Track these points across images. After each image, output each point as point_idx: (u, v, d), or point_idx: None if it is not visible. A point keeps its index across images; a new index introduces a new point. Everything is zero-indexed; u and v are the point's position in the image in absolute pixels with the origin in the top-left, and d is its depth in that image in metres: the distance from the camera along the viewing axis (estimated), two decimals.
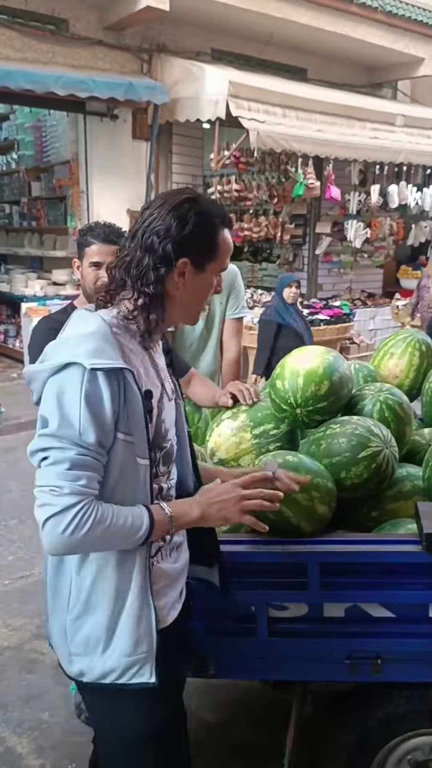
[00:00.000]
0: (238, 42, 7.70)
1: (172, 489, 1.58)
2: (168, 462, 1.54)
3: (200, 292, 1.49)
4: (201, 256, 1.44)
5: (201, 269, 1.45)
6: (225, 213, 1.50)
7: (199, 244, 1.43)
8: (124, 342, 1.40)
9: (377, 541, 1.85)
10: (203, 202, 1.45)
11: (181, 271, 1.42)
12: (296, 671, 1.91)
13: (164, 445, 1.51)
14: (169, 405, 1.53)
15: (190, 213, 1.40)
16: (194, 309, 1.53)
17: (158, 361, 1.54)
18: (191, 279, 1.44)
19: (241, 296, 3.20)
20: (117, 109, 6.92)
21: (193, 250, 1.42)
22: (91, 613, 1.43)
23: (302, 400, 2.06)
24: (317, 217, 8.90)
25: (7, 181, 9.36)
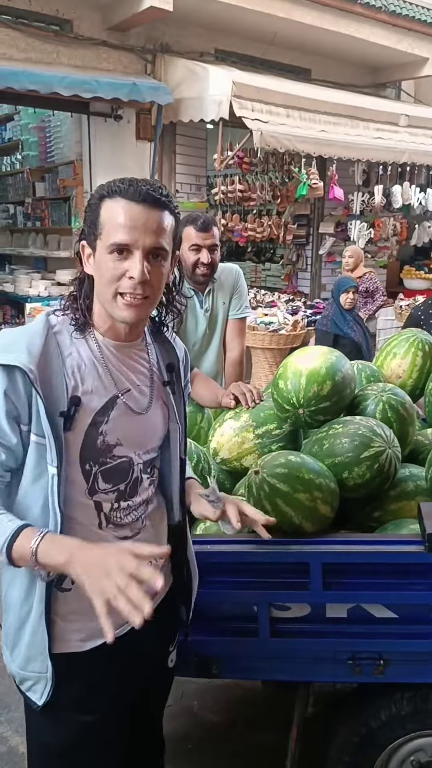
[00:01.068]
0: (242, 42, 7.69)
1: (124, 513, 1.46)
2: (115, 480, 1.43)
3: (100, 275, 1.36)
4: (90, 236, 1.37)
5: (93, 249, 1.37)
6: (117, 182, 1.35)
7: (87, 223, 1.38)
8: (66, 345, 1.37)
9: (380, 541, 1.85)
10: (110, 180, 1.37)
11: (86, 256, 1.39)
12: (298, 671, 1.91)
13: (105, 461, 1.40)
14: (128, 419, 1.43)
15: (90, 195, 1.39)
16: (104, 296, 1.37)
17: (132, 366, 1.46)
18: (93, 263, 1.38)
19: (244, 296, 3.20)
20: (121, 110, 6.91)
21: (85, 229, 1.38)
22: (8, 612, 1.46)
23: (305, 401, 2.06)
24: (320, 218, 8.89)
25: (11, 182, 9.36)
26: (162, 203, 1.34)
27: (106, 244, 1.32)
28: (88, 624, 1.40)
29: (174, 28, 7.11)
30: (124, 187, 1.32)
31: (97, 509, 1.42)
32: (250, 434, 2.19)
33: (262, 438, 2.18)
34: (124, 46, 6.87)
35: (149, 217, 1.32)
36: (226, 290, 3.12)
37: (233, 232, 7.35)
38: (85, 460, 1.37)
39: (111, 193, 1.33)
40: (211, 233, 2.85)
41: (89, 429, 1.36)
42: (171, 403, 1.52)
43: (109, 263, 1.33)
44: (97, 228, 1.34)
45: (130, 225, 1.31)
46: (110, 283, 1.34)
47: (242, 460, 2.18)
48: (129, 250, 1.32)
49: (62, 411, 1.31)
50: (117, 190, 1.32)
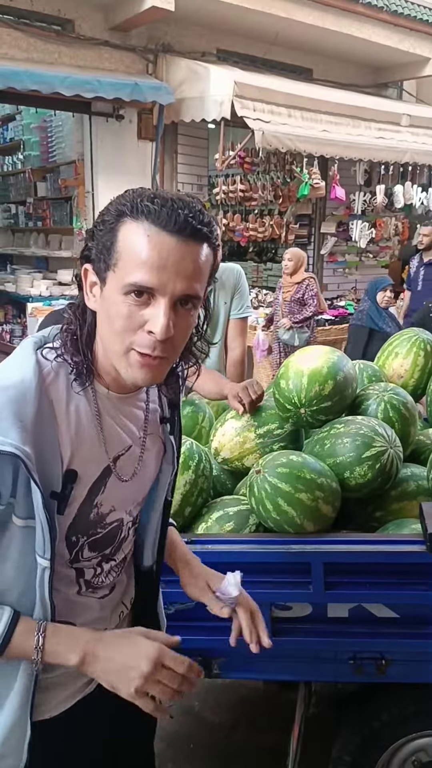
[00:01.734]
0: (244, 42, 7.69)
1: (105, 575, 1.26)
2: (101, 548, 1.22)
3: (111, 319, 1.03)
4: (99, 261, 1.04)
5: (102, 281, 1.04)
6: (143, 198, 1.00)
7: (97, 243, 1.04)
8: (61, 399, 1.08)
9: (381, 541, 1.85)
10: (131, 192, 1.03)
11: (89, 284, 1.07)
12: (300, 671, 1.91)
13: (95, 532, 1.19)
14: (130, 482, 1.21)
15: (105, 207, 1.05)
16: (112, 347, 1.06)
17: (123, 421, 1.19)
18: (99, 296, 1.06)
19: (245, 296, 3.20)
20: (122, 110, 6.92)
21: (95, 252, 1.05)
22: None
23: (306, 400, 2.06)
24: (322, 217, 8.88)
25: (13, 182, 9.37)
26: (203, 235, 1.02)
27: (123, 281, 1.00)
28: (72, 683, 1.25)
29: (176, 28, 7.11)
30: (154, 209, 0.98)
31: (78, 576, 1.22)
32: (252, 434, 2.18)
33: (263, 438, 2.18)
34: (125, 46, 6.87)
35: (185, 254, 1.00)
36: (227, 290, 3.12)
37: (235, 231, 7.35)
38: (73, 533, 1.15)
39: (135, 212, 0.99)
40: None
41: (83, 503, 1.14)
42: (169, 441, 1.30)
43: (122, 307, 1.01)
44: (110, 255, 1.01)
45: (159, 264, 0.99)
46: (122, 334, 1.03)
47: (244, 459, 2.18)
48: (152, 294, 1.00)
49: (54, 491, 1.06)
50: (144, 210, 0.98)
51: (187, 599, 1.45)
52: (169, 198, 1.00)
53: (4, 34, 6.08)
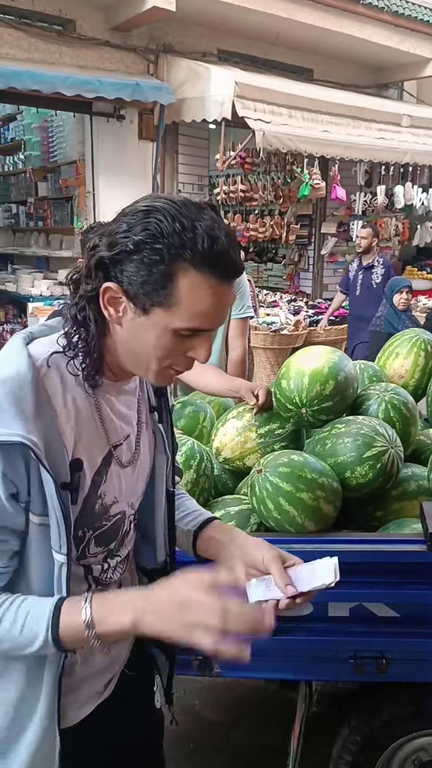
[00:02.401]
0: (245, 42, 7.70)
1: (112, 570, 1.26)
2: (106, 542, 1.22)
3: (144, 343, 1.06)
4: (141, 291, 1.01)
5: (141, 310, 1.03)
6: (206, 245, 0.98)
7: (140, 272, 1.00)
8: (57, 391, 1.08)
9: (382, 540, 1.85)
10: (172, 216, 0.99)
11: (109, 298, 1.04)
12: (300, 670, 1.91)
13: (101, 525, 1.19)
14: (127, 471, 1.21)
15: (143, 222, 0.99)
16: (142, 363, 1.09)
17: (119, 410, 1.19)
18: (130, 317, 1.04)
19: (246, 297, 3.20)
20: (123, 110, 6.93)
21: (129, 276, 1.01)
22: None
23: (307, 400, 2.06)
24: (323, 218, 8.90)
25: (13, 181, 9.38)
26: (242, 271, 1.09)
27: (180, 325, 1.02)
28: (88, 686, 1.24)
29: (177, 28, 7.12)
30: (215, 259, 1.00)
31: (86, 573, 1.21)
32: (253, 434, 2.19)
33: (264, 437, 2.18)
34: (126, 46, 6.88)
35: (232, 295, 1.08)
36: None
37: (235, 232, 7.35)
38: (79, 527, 1.14)
39: (199, 262, 0.99)
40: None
41: (89, 494, 1.14)
42: (159, 430, 1.30)
43: (170, 342, 1.05)
44: (164, 296, 1.00)
45: (218, 312, 1.05)
46: (161, 360, 1.07)
47: (245, 459, 2.18)
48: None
49: (64, 482, 1.06)
50: (207, 261, 0.99)
51: None
52: (223, 242, 1.01)
53: (5, 34, 6.09)
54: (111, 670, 1.31)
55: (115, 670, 1.32)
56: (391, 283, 5.80)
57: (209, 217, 1.01)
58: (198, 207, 1.02)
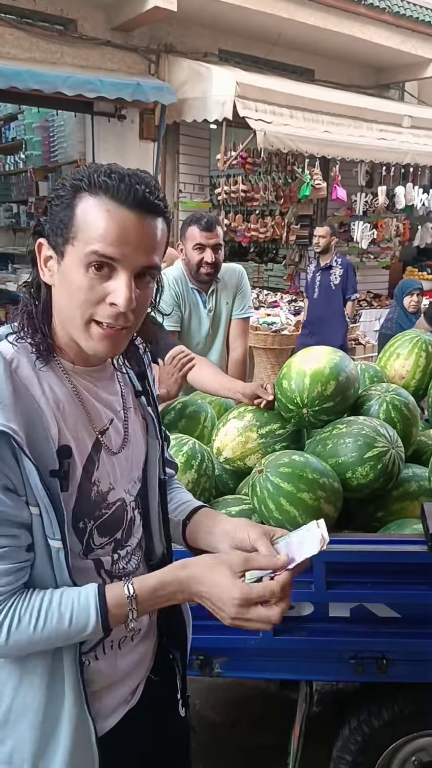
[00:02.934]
0: (246, 43, 7.70)
1: (124, 561, 1.25)
2: (110, 531, 1.20)
3: (71, 293, 1.05)
4: (56, 234, 1.04)
5: (60, 254, 1.05)
6: (102, 173, 1.02)
7: (53, 216, 1.05)
8: (32, 382, 1.07)
9: (383, 541, 1.85)
10: (86, 167, 1.06)
11: (44, 257, 1.08)
12: (301, 671, 1.92)
13: (101, 513, 1.17)
14: (120, 456, 1.20)
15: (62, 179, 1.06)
16: (71, 321, 1.07)
17: (101, 395, 1.19)
18: (56, 270, 1.06)
19: (247, 296, 3.21)
20: (124, 110, 6.93)
21: (50, 226, 1.06)
22: (15, 726, 1.13)
23: (308, 400, 2.06)
24: (323, 218, 8.89)
25: (14, 181, 9.38)
26: (160, 210, 1.06)
27: (83, 253, 1.02)
28: (113, 694, 1.23)
29: (178, 28, 7.12)
30: (113, 184, 1.01)
31: (97, 568, 1.19)
32: (254, 434, 2.19)
33: (265, 438, 2.18)
34: (128, 46, 6.88)
35: (145, 228, 1.03)
36: (229, 290, 3.13)
37: (236, 232, 7.36)
38: (79, 518, 1.13)
39: (93, 186, 1.02)
40: (215, 233, 2.86)
41: (82, 481, 1.13)
42: (149, 414, 1.29)
43: (83, 280, 1.03)
44: (69, 229, 1.02)
45: (120, 237, 1.01)
46: (82, 306, 1.04)
47: (246, 459, 2.18)
48: (113, 267, 1.03)
49: (53, 470, 1.05)
50: (103, 185, 1.01)
51: None
52: (126, 173, 1.03)
53: (6, 33, 6.09)
54: (137, 676, 1.29)
55: (141, 675, 1.31)
56: (402, 285, 5.72)
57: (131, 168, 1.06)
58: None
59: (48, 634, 1.05)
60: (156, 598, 1.10)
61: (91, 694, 1.15)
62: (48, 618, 1.05)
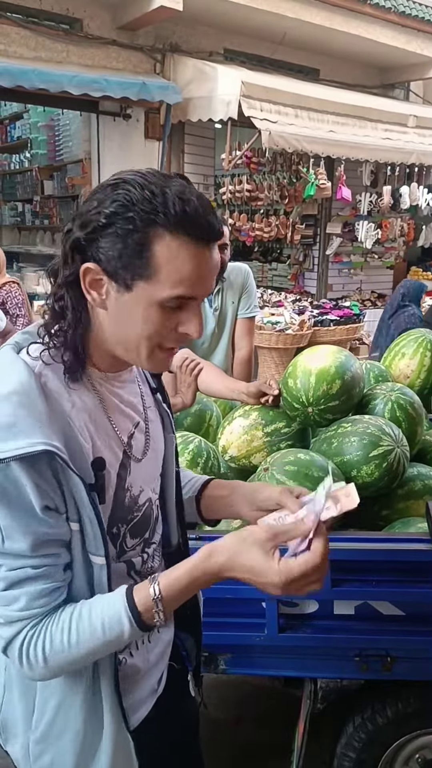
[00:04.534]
0: (251, 42, 7.70)
1: (151, 559, 1.26)
2: (141, 531, 1.21)
3: (131, 322, 1.02)
4: (120, 266, 0.99)
5: (124, 286, 1.00)
6: (177, 206, 0.96)
7: (116, 246, 0.98)
8: (62, 394, 1.04)
9: (388, 539, 1.86)
10: (140, 185, 0.97)
11: (91, 280, 1.01)
12: (305, 668, 1.92)
13: (133, 516, 1.18)
14: (147, 458, 1.20)
15: (112, 195, 0.98)
16: (132, 346, 1.05)
17: (125, 399, 1.17)
18: (113, 297, 1.01)
19: (253, 296, 3.21)
20: (130, 109, 6.94)
21: (106, 253, 0.99)
22: (57, 740, 1.14)
23: (314, 399, 2.07)
24: (328, 218, 8.89)
25: (20, 180, 9.40)
26: (221, 234, 1.05)
27: (164, 295, 0.99)
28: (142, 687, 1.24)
29: (183, 27, 7.13)
30: (190, 221, 0.97)
31: (128, 570, 1.20)
32: (259, 432, 2.20)
33: (271, 436, 2.19)
34: (133, 46, 6.89)
35: (215, 259, 1.03)
36: (235, 290, 3.13)
37: (241, 231, 7.36)
38: (113, 524, 1.13)
39: (172, 224, 0.97)
40: (221, 233, 2.86)
41: (117, 491, 1.13)
42: (165, 410, 1.29)
43: (157, 316, 1.01)
44: (143, 266, 0.98)
45: (202, 277, 1.00)
46: (153, 338, 1.03)
47: (251, 457, 2.19)
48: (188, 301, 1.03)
49: (90, 484, 1.04)
50: (181, 223, 0.97)
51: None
52: (197, 204, 0.98)
53: (12, 32, 6.10)
54: (162, 665, 1.31)
55: (165, 664, 1.33)
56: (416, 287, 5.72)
57: (178, 183, 1.00)
58: (166, 175, 1.01)
59: (85, 647, 1.03)
60: (185, 595, 1.07)
61: (125, 689, 1.16)
62: (81, 632, 1.03)
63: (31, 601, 1.01)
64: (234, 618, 1.88)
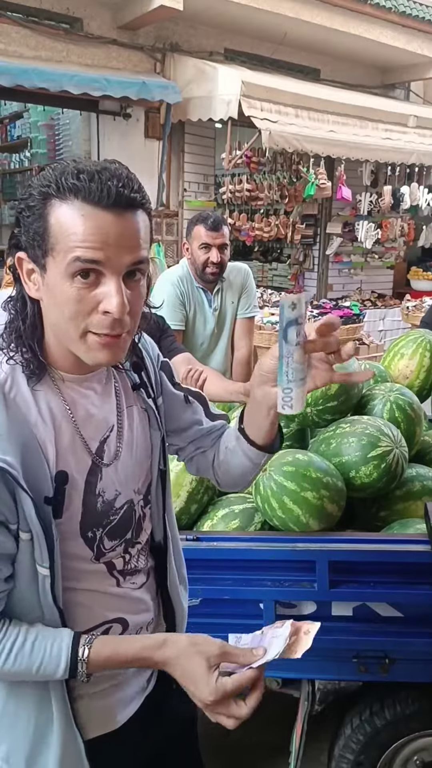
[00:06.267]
0: (252, 42, 7.70)
1: (135, 559, 1.24)
2: (120, 534, 1.18)
3: (60, 306, 0.98)
4: (33, 248, 0.99)
5: (42, 268, 0.99)
6: (68, 174, 0.95)
7: (27, 228, 0.98)
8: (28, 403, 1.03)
9: (386, 540, 1.86)
10: (52, 168, 0.98)
11: (26, 271, 1.02)
12: (303, 669, 1.92)
13: (109, 520, 1.15)
14: (122, 461, 1.16)
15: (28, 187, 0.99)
16: (66, 335, 1.01)
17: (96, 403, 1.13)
18: (41, 283, 1.00)
19: (252, 296, 3.21)
20: (130, 108, 6.93)
21: (25, 238, 1.00)
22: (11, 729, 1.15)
23: (312, 399, 2.07)
24: (328, 218, 8.88)
25: (20, 179, 9.39)
26: (138, 203, 0.98)
27: (64, 263, 0.95)
28: (123, 690, 1.23)
29: (184, 27, 7.12)
30: (82, 185, 0.94)
31: (109, 570, 1.19)
32: None
33: None
34: (134, 45, 6.88)
35: (124, 225, 0.96)
36: (235, 289, 3.13)
37: (241, 231, 7.35)
38: (87, 528, 1.12)
39: (63, 191, 0.95)
40: (222, 232, 2.86)
41: (85, 497, 1.10)
42: (150, 406, 1.23)
43: (70, 291, 0.97)
44: (45, 241, 0.96)
45: (100, 240, 0.95)
46: (75, 319, 0.98)
47: None
48: (99, 272, 0.97)
49: (47, 497, 1.03)
50: (72, 188, 0.94)
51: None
52: (95, 170, 0.95)
53: (12, 31, 6.09)
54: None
55: None
56: None
57: (94, 161, 0.98)
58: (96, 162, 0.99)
59: (15, 671, 1.06)
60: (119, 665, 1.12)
61: (114, 686, 1.20)
62: (18, 659, 1.05)
63: None
64: (231, 619, 1.87)
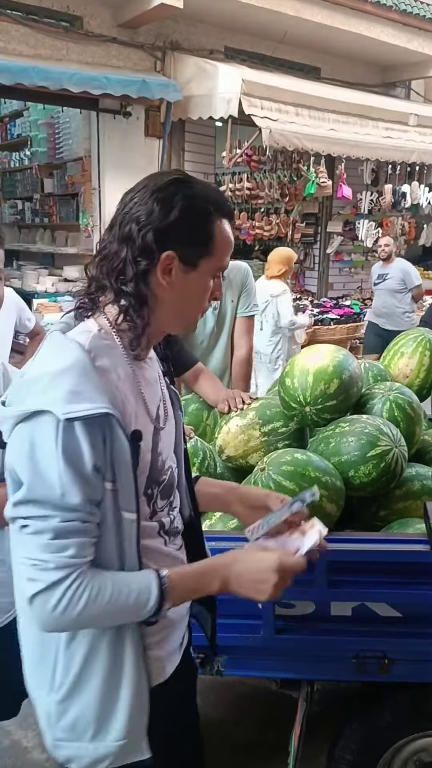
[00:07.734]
0: (252, 40, 7.69)
1: (176, 521, 1.41)
2: (168, 494, 1.36)
3: (193, 294, 1.26)
4: (191, 249, 1.22)
5: (191, 266, 1.22)
6: (223, 200, 1.27)
7: (189, 234, 1.21)
8: (109, 369, 1.19)
9: (385, 540, 1.85)
10: (195, 185, 1.23)
11: (166, 266, 1.20)
12: (302, 670, 1.91)
13: (162, 479, 1.32)
14: (167, 429, 1.35)
15: (176, 196, 1.19)
16: (188, 316, 1.31)
17: (151, 376, 1.33)
18: (180, 277, 1.22)
19: (252, 294, 3.19)
20: (130, 107, 6.91)
21: (180, 241, 1.20)
22: (80, 695, 1.24)
23: (311, 399, 2.06)
24: (329, 216, 8.88)
25: (19, 178, 9.37)
26: None
27: (217, 266, 1.27)
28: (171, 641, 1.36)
29: (184, 25, 7.11)
30: (227, 206, 1.29)
31: (160, 528, 1.33)
32: (257, 432, 2.18)
33: (268, 436, 2.18)
34: (134, 43, 6.87)
35: None
36: (234, 288, 3.12)
37: (241, 230, 7.34)
38: (148, 485, 1.27)
39: (221, 211, 1.25)
40: None
41: (152, 454, 1.28)
42: (172, 390, 1.43)
43: (208, 283, 1.27)
44: (208, 247, 1.23)
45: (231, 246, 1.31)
46: (201, 303, 1.29)
47: (248, 457, 2.18)
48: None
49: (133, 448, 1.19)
50: (228, 211, 1.29)
51: None
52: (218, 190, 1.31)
53: (12, 29, 6.08)
54: (185, 622, 1.44)
55: (187, 621, 1.46)
56: None
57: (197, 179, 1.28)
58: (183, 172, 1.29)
59: (114, 606, 1.15)
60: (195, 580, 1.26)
61: (155, 643, 1.30)
62: (116, 590, 1.15)
63: (80, 550, 1.13)
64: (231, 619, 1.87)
